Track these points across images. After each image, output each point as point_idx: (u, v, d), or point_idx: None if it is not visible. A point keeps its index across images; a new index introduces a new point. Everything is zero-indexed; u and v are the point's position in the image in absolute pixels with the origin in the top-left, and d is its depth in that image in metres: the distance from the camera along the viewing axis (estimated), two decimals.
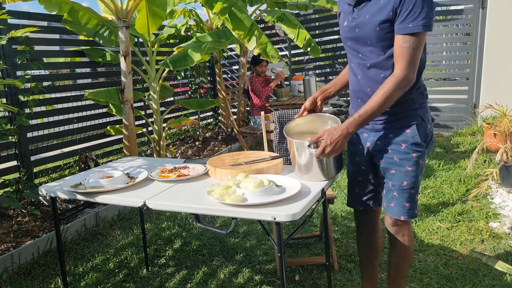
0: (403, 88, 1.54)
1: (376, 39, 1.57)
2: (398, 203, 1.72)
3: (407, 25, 1.48)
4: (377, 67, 1.63)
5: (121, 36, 3.91)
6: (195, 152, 5.47)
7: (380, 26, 1.54)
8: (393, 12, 1.50)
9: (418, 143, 1.64)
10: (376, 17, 1.55)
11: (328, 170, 1.71)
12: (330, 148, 1.57)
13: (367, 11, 1.58)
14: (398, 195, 1.71)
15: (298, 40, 5.09)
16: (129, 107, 4.07)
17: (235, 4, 4.08)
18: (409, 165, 1.66)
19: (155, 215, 3.55)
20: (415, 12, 1.46)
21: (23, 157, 3.79)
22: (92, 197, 1.83)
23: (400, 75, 1.52)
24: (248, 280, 2.46)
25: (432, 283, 2.30)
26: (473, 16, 5.52)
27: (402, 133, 1.65)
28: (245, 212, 1.51)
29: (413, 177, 1.68)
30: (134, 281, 2.53)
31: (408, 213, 1.72)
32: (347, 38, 1.70)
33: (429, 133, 1.68)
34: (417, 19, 1.47)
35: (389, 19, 1.52)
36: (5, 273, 2.61)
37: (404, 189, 1.69)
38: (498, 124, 3.78)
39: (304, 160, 1.69)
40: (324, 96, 1.90)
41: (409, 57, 1.51)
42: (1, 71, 3.62)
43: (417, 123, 1.64)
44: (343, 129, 1.57)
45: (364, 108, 1.57)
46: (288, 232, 3.05)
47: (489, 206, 3.27)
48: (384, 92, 1.53)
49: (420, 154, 1.66)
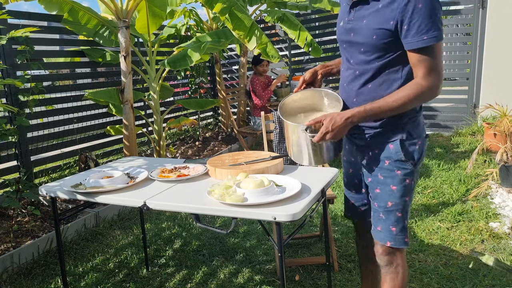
0: (426, 97, 1.41)
1: (371, 46, 1.44)
2: (385, 226, 1.56)
3: (421, 38, 1.34)
4: (364, 76, 1.50)
5: (121, 36, 3.91)
6: (195, 152, 5.47)
7: (377, 34, 1.41)
8: (394, 22, 1.37)
9: (402, 160, 1.50)
10: (373, 24, 1.42)
11: (326, 155, 1.62)
12: (330, 135, 1.46)
13: (364, 16, 1.46)
14: (385, 218, 1.56)
15: (299, 40, 5.09)
16: (129, 107, 4.07)
17: (235, 4, 4.08)
18: (393, 183, 1.52)
19: (155, 215, 3.55)
20: (427, 22, 1.33)
21: (23, 157, 3.79)
22: (92, 197, 1.83)
23: (424, 84, 1.39)
24: (248, 280, 2.46)
25: (432, 283, 2.30)
26: (473, 16, 5.53)
27: (386, 148, 1.53)
28: (245, 212, 1.51)
29: (398, 198, 1.53)
30: (134, 281, 2.53)
31: (395, 239, 1.55)
32: (342, 41, 1.58)
33: (418, 149, 1.52)
34: (431, 29, 1.33)
35: (389, 29, 1.39)
36: (5, 273, 2.61)
37: (390, 210, 1.54)
38: (498, 124, 3.78)
39: (299, 143, 1.59)
40: (325, 71, 1.77)
41: (432, 67, 1.38)
42: (1, 71, 3.62)
43: (402, 139, 1.50)
44: (347, 118, 1.44)
45: (378, 103, 1.43)
46: (288, 232, 3.05)
47: (489, 206, 3.27)
48: (406, 94, 1.40)
49: (406, 172, 1.51)
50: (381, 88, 1.48)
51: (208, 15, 5.89)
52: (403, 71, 1.46)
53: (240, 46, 6.38)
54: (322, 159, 1.64)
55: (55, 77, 4.39)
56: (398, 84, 1.46)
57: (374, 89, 1.50)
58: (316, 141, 1.49)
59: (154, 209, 1.70)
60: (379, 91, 1.49)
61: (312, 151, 1.60)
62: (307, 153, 1.61)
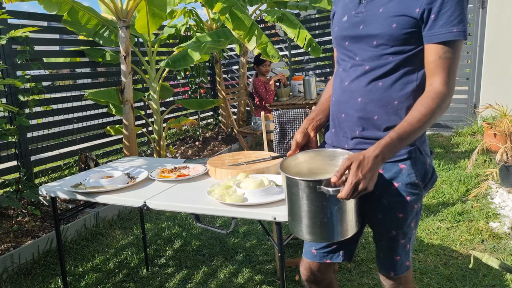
0: (446, 107, 1.20)
1: (388, 38, 1.22)
2: (387, 256, 1.40)
3: (450, 29, 1.15)
4: (374, 73, 1.28)
5: (121, 36, 3.91)
6: (195, 152, 5.47)
7: (397, 22, 1.20)
8: (421, 9, 1.17)
9: (414, 183, 1.28)
10: (392, 11, 1.21)
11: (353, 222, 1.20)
12: (363, 184, 1.09)
13: (380, 4, 1.25)
14: (387, 246, 1.38)
15: (298, 40, 5.09)
16: (129, 107, 4.07)
17: (235, 4, 4.09)
18: (400, 211, 1.30)
19: (155, 215, 3.55)
20: (458, 14, 1.15)
21: (23, 157, 3.79)
22: (92, 197, 1.83)
23: (444, 91, 1.18)
24: (248, 280, 2.46)
25: (432, 283, 2.30)
26: (473, 16, 5.53)
27: (395, 169, 1.28)
28: (245, 212, 1.51)
29: (405, 226, 1.32)
30: (134, 281, 2.53)
31: (399, 269, 1.40)
32: (344, 37, 1.34)
33: (429, 169, 1.31)
34: (461, 23, 1.16)
35: (414, 17, 1.19)
36: (5, 273, 2.61)
37: (392, 238, 1.35)
38: (498, 124, 3.78)
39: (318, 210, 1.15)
40: (315, 126, 1.45)
41: (452, 69, 1.19)
42: (1, 71, 3.62)
43: (414, 157, 1.28)
44: (375, 156, 1.12)
45: (402, 128, 1.16)
46: (288, 232, 3.05)
47: (489, 206, 3.27)
48: (427, 108, 1.16)
49: (416, 197, 1.30)
50: (393, 89, 1.26)
51: (208, 15, 5.90)
52: (419, 72, 1.25)
53: (240, 46, 6.38)
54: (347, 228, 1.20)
55: (55, 77, 4.39)
56: (412, 87, 1.25)
57: (384, 88, 1.27)
58: (346, 195, 1.08)
59: (154, 209, 1.70)
60: (390, 92, 1.26)
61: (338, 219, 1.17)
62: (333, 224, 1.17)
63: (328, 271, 1.55)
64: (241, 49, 6.38)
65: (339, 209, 1.15)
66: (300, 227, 1.20)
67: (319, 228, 1.17)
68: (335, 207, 1.14)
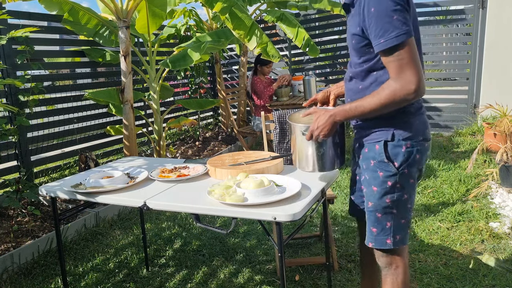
0: (401, 98, 1.38)
1: (353, 51, 1.52)
2: (367, 227, 1.59)
3: (379, 41, 1.35)
4: (356, 78, 1.56)
5: (121, 36, 3.91)
6: (195, 152, 5.47)
7: (353, 38, 1.48)
8: (359, 27, 1.43)
9: (384, 161, 1.50)
10: (350, 30, 1.51)
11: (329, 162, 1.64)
12: (317, 132, 1.52)
13: (348, 22, 1.55)
14: (368, 217, 1.59)
15: (297, 40, 5.09)
16: (129, 107, 4.07)
17: (235, 4, 4.08)
18: (374, 184, 1.53)
19: (155, 215, 3.55)
20: (382, 26, 1.33)
21: (23, 157, 3.79)
22: (92, 197, 1.83)
23: (395, 85, 1.37)
24: (248, 280, 2.46)
25: (432, 283, 2.30)
26: (473, 16, 5.52)
27: (373, 148, 1.54)
28: (245, 212, 1.51)
29: (377, 199, 1.52)
30: (134, 281, 2.53)
31: (375, 240, 1.56)
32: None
33: (403, 153, 1.49)
34: (386, 32, 1.33)
35: (358, 33, 1.45)
36: (5, 273, 2.61)
37: (370, 210, 1.56)
38: (498, 124, 3.78)
39: (302, 148, 1.64)
40: (339, 92, 1.79)
41: (400, 67, 1.36)
42: (1, 71, 3.62)
43: (386, 140, 1.50)
44: (330, 115, 1.51)
45: (357, 102, 1.47)
46: (288, 232, 3.05)
47: (489, 206, 3.27)
48: (380, 97, 1.41)
49: (388, 174, 1.50)
50: (370, 90, 1.49)
51: (208, 15, 5.89)
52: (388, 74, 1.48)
53: (240, 46, 6.38)
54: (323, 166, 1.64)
55: (55, 77, 4.39)
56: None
57: (364, 90, 1.53)
58: (308, 139, 1.56)
59: (154, 209, 1.70)
60: (368, 93, 1.49)
61: (316, 157, 1.63)
62: (312, 159, 1.64)
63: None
64: (241, 49, 6.38)
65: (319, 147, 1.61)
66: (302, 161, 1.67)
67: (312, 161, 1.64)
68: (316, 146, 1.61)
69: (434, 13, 6.50)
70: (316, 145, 1.60)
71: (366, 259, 1.93)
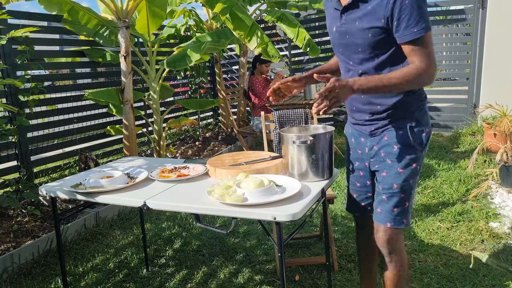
0: (423, 80, 1.48)
1: (367, 45, 1.54)
2: (386, 208, 1.64)
3: (411, 30, 1.44)
4: (368, 73, 1.59)
5: (121, 36, 3.91)
6: (195, 152, 5.47)
7: (371, 32, 1.51)
8: (385, 20, 1.47)
9: (410, 145, 1.60)
10: (365, 24, 1.51)
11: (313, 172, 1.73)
12: (330, 95, 1.42)
13: (356, 18, 1.54)
14: (387, 199, 1.64)
15: (297, 40, 5.09)
16: (129, 107, 4.07)
17: (235, 4, 4.09)
18: (400, 166, 1.61)
19: (155, 215, 3.55)
20: (415, 17, 1.43)
21: (23, 157, 3.79)
22: (92, 197, 1.83)
23: (423, 66, 1.46)
24: (248, 280, 2.46)
25: (432, 283, 2.30)
26: (473, 16, 5.52)
27: (396, 135, 1.61)
28: (245, 212, 1.51)
29: (403, 180, 1.61)
30: (134, 281, 2.53)
31: (395, 220, 1.63)
32: (338, 45, 1.68)
33: (425, 136, 1.62)
34: (419, 23, 1.43)
35: (380, 26, 1.48)
36: (5, 273, 2.61)
37: (394, 192, 1.62)
38: (498, 124, 3.78)
39: (293, 157, 1.73)
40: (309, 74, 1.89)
41: (426, 54, 1.47)
42: (1, 71, 3.62)
43: (411, 125, 1.60)
44: (349, 81, 1.47)
45: (379, 75, 1.50)
46: (288, 232, 3.05)
47: (489, 206, 3.27)
48: (406, 73, 1.46)
49: (413, 156, 1.61)
50: None
51: (208, 15, 5.89)
52: (403, 65, 1.54)
53: (240, 46, 6.38)
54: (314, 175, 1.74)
55: (55, 77, 4.39)
56: None
57: None
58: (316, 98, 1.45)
59: (154, 209, 1.70)
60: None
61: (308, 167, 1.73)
62: (302, 168, 1.74)
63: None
64: (241, 49, 6.38)
65: (311, 155, 1.71)
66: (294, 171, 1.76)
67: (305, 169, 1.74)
68: (308, 153, 1.71)
69: (434, 13, 6.51)
70: (307, 154, 1.71)
71: (365, 256, 1.98)
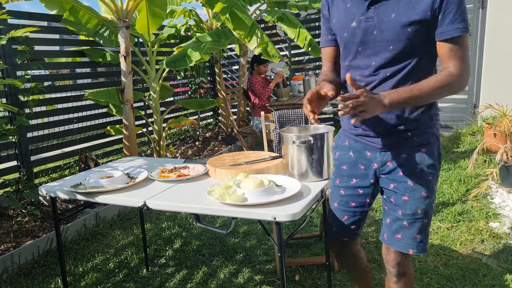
0: (457, 87, 1.32)
1: (404, 42, 1.33)
2: (408, 235, 1.47)
3: (457, 25, 1.29)
4: (396, 78, 1.37)
5: (121, 36, 3.91)
6: (195, 152, 5.47)
7: (410, 27, 1.31)
8: (431, 12, 1.29)
9: (434, 164, 1.45)
10: (405, 17, 1.31)
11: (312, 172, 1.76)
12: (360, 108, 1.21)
13: (391, 10, 1.33)
14: (409, 225, 1.47)
15: (299, 40, 5.09)
16: (129, 107, 4.07)
17: (235, 4, 4.09)
18: (424, 190, 1.44)
19: (155, 215, 3.55)
20: (461, 13, 1.29)
21: (23, 157, 3.79)
22: (92, 197, 1.83)
23: (456, 73, 1.31)
24: (248, 280, 2.46)
25: (432, 283, 2.30)
26: (473, 16, 5.52)
27: (418, 153, 1.43)
28: (245, 212, 1.51)
29: (427, 205, 1.45)
30: (134, 281, 2.53)
31: (418, 247, 1.48)
32: (358, 43, 1.40)
33: (440, 151, 1.49)
34: (463, 21, 1.30)
35: (424, 19, 1.30)
36: (5, 273, 2.61)
37: (417, 218, 1.46)
38: (498, 124, 3.78)
39: (294, 157, 1.76)
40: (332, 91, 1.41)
41: (463, 58, 1.32)
42: (1, 71, 3.62)
43: (432, 141, 1.45)
44: (380, 94, 1.27)
45: (410, 86, 1.30)
46: (288, 232, 3.05)
47: (489, 206, 3.27)
48: (438, 81, 1.30)
49: (436, 178, 1.47)
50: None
51: (208, 15, 5.89)
52: (434, 70, 1.41)
53: (240, 46, 6.38)
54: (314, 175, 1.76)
55: (55, 77, 4.39)
56: None
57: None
58: (341, 108, 1.23)
59: (154, 209, 1.70)
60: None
61: (307, 166, 1.75)
62: (302, 168, 1.77)
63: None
64: (241, 49, 6.38)
65: (311, 155, 1.74)
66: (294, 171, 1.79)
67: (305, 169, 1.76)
68: (308, 153, 1.74)
69: None
70: (307, 154, 1.72)
71: (356, 274, 1.82)
